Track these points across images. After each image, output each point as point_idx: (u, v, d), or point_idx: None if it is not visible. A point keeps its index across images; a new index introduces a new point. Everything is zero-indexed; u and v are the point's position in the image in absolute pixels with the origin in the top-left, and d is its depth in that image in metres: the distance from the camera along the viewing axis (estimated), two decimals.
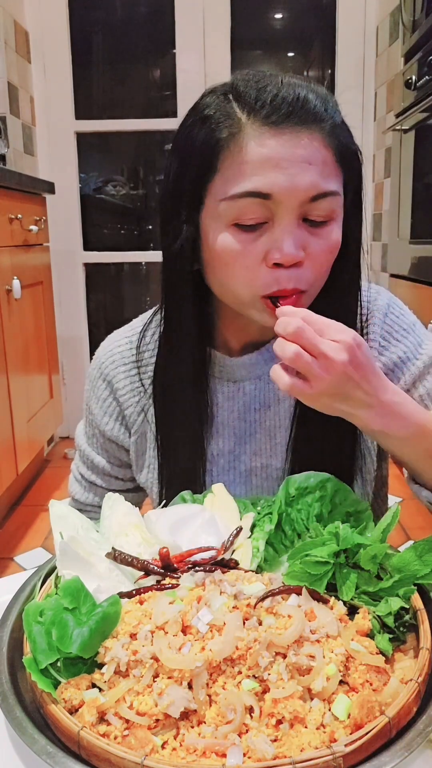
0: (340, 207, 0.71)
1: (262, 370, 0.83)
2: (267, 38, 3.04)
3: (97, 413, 0.89)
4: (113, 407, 0.88)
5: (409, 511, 2.12)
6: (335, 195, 0.68)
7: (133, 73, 3.10)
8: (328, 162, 0.67)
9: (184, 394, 0.82)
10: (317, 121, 0.67)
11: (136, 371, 0.86)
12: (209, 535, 0.68)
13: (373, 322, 0.82)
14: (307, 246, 0.68)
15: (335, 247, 0.71)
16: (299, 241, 0.67)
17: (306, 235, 0.68)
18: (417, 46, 2.05)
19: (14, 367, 2.06)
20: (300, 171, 0.65)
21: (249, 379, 0.84)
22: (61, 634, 0.52)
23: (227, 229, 0.68)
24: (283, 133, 0.65)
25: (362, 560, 0.60)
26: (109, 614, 0.54)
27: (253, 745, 0.46)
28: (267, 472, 0.85)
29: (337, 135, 0.69)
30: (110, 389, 0.88)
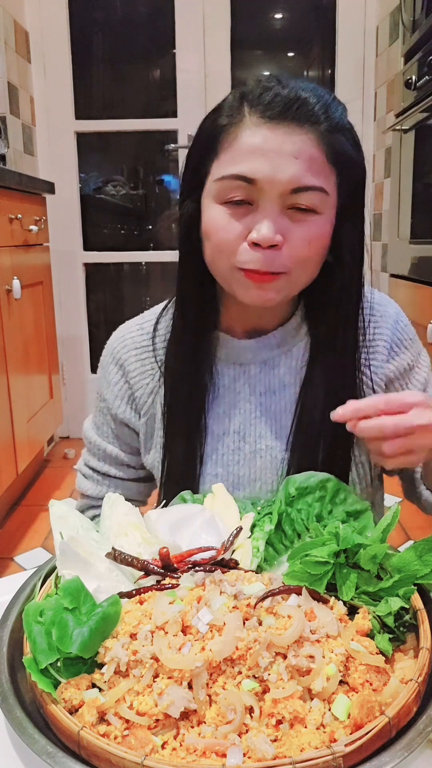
0: (326, 204, 0.75)
1: (267, 356, 0.87)
2: (267, 38, 3.04)
3: (109, 398, 0.93)
4: (124, 390, 0.92)
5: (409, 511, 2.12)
6: (319, 191, 0.73)
7: (133, 73, 3.10)
8: (316, 160, 0.72)
9: (191, 371, 0.86)
10: (312, 122, 0.72)
11: (147, 355, 0.90)
12: (209, 535, 0.68)
13: (381, 327, 0.87)
14: (287, 233, 0.74)
15: (315, 238, 0.75)
16: (278, 227, 0.73)
17: (287, 223, 0.74)
18: (417, 46, 2.04)
19: (14, 367, 2.06)
20: (284, 163, 0.71)
21: (254, 363, 0.87)
22: (61, 634, 0.52)
23: (217, 206, 0.75)
24: (277, 127, 0.71)
25: (362, 560, 0.60)
26: (109, 614, 0.54)
27: (253, 745, 0.46)
28: (272, 454, 0.87)
29: (333, 138, 0.73)
30: (122, 372, 0.91)
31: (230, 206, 0.74)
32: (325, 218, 0.75)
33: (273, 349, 0.87)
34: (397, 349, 0.87)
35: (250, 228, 0.74)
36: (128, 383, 0.91)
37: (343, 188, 0.76)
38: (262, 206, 0.73)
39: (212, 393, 0.87)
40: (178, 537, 0.68)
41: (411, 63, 2.05)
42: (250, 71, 3.09)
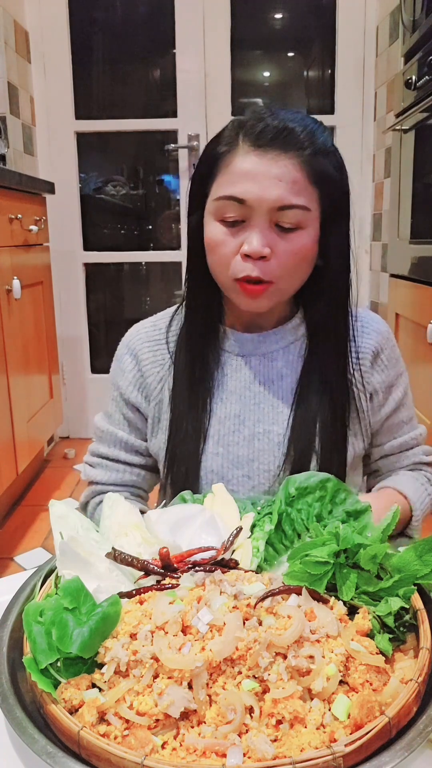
0: (309, 219, 0.85)
1: (267, 349, 0.97)
2: (267, 38, 3.04)
3: (122, 384, 1.01)
4: (137, 377, 1.01)
5: None
6: (302, 209, 0.83)
7: (133, 73, 3.10)
8: (299, 182, 0.83)
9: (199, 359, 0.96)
10: (297, 149, 0.83)
11: (160, 347, 1.00)
12: (209, 535, 0.68)
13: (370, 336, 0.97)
14: (275, 246, 0.84)
15: (300, 250, 0.85)
16: (267, 240, 0.83)
17: (275, 238, 0.84)
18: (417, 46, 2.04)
19: (14, 367, 2.06)
20: (270, 185, 0.82)
21: (255, 355, 0.97)
22: (61, 634, 0.52)
23: (215, 222, 0.87)
24: (266, 154, 0.83)
25: (362, 560, 0.60)
26: (109, 614, 0.54)
27: (253, 745, 0.46)
28: (269, 437, 0.94)
29: (315, 161, 0.84)
30: (135, 361, 1.01)
31: (226, 224, 0.86)
32: (309, 232, 0.86)
33: (273, 344, 0.97)
34: (381, 362, 0.97)
35: (242, 243, 0.84)
36: (140, 371, 1.00)
37: (326, 204, 0.86)
38: (252, 223, 0.84)
39: (217, 379, 0.97)
40: (178, 537, 0.68)
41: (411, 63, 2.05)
42: (250, 71, 3.09)
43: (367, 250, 3.08)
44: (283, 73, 3.18)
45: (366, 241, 3.08)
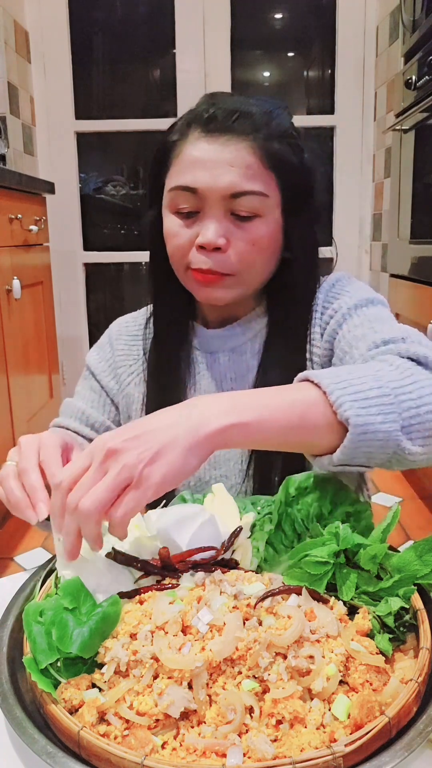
0: (267, 206, 0.80)
1: (235, 343, 0.92)
2: (267, 38, 3.04)
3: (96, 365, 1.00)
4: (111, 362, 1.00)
5: (409, 511, 2.12)
6: (257, 195, 0.79)
7: (133, 73, 3.10)
8: (252, 167, 0.78)
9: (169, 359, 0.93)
10: (248, 132, 0.78)
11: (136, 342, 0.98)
12: (209, 535, 0.68)
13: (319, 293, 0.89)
14: (231, 237, 0.80)
15: (258, 239, 0.81)
16: (222, 230, 0.80)
17: (231, 227, 0.80)
18: (417, 46, 2.04)
19: (14, 367, 2.06)
20: (222, 172, 0.78)
21: (222, 351, 0.92)
22: (61, 634, 0.52)
23: (171, 214, 0.83)
24: (215, 140, 0.78)
25: (362, 560, 0.60)
26: (109, 614, 0.54)
27: (253, 745, 0.46)
28: None
29: (270, 145, 0.79)
30: (111, 350, 1.00)
31: (181, 216, 0.82)
32: (268, 220, 0.81)
33: (239, 337, 0.92)
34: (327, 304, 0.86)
35: (198, 234, 0.81)
36: (114, 360, 1.00)
37: (286, 190, 0.82)
38: (206, 213, 0.80)
39: (189, 380, 0.93)
40: (178, 537, 0.68)
41: (411, 63, 2.05)
42: (250, 71, 3.09)
43: (367, 250, 3.08)
44: (283, 73, 3.18)
45: (366, 241, 3.08)
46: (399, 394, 0.59)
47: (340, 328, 0.84)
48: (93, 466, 0.54)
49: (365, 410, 0.57)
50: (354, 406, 0.56)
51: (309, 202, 0.85)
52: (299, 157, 0.83)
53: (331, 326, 0.85)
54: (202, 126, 0.79)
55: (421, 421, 0.58)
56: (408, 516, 2.08)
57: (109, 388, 0.99)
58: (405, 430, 0.58)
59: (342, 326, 0.84)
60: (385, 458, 0.59)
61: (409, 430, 0.58)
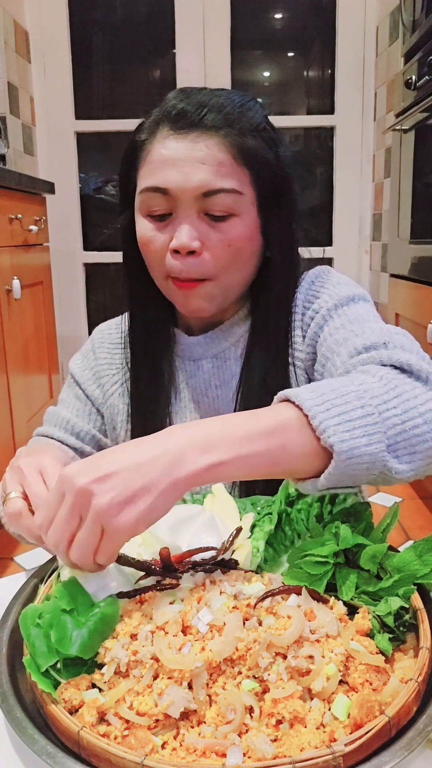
0: (243, 204, 0.77)
1: (217, 349, 0.89)
2: (267, 38, 3.04)
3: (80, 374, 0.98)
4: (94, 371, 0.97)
5: (409, 511, 2.12)
6: (231, 192, 0.75)
7: (133, 73, 3.10)
8: (225, 163, 0.75)
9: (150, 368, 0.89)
10: (218, 128, 0.75)
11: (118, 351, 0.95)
12: (209, 535, 0.68)
13: (299, 292, 0.85)
14: (206, 239, 0.76)
15: (234, 240, 0.77)
16: (196, 233, 0.76)
17: (205, 228, 0.77)
18: (417, 46, 2.05)
19: (14, 367, 2.06)
20: (192, 170, 0.74)
21: (206, 358, 0.89)
22: (61, 636, 0.52)
23: (143, 218, 0.80)
24: (185, 137, 0.75)
25: (362, 560, 0.60)
26: (107, 615, 0.54)
27: (253, 745, 0.46)
28: None
29: (242, 140, 0.76)
30: (95, 358, 0.97)
31: (153, 219, 0.78)
32: (245, 218, 0.77)
33: (222, 342, 0.88)
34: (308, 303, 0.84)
35: (172, 237, 0.77)
36: (97, 369, 0.97)
37: (262, 187, 0.78)
38: (179, 214, 0.76)
39: (172, 389, 0.89)
40: (178, 537, 0.68)
41: (411, 63, 2.05)
42: (250, 71, 3.09)
43: (367, 250, 3.08)
44: (283, 73, 3.18)
45: (366, 241, 3.08)
46: (383, 411, 0.56)
47: (321, 330, 0.81)
48: (64, 507, 0.51)
49: (349, 433, 0.53)
50: (338, 431, 0.53)
51: (286, 199, 0.81)
52: (274, 151, 0.79)
53: (312, 328, 0.82)
54: (171, 123, 0.76)
55: (407, 437, 0.56)
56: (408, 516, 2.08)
57: (94, 397, 0.96)
58: (390, 449, 0.55)
59: (323, 328, 0.81)
60: (371, 478, 0.57)
61: (395, 448, 0.55)
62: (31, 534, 0.64)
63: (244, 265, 0.80)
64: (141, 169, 0.79)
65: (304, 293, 0.85)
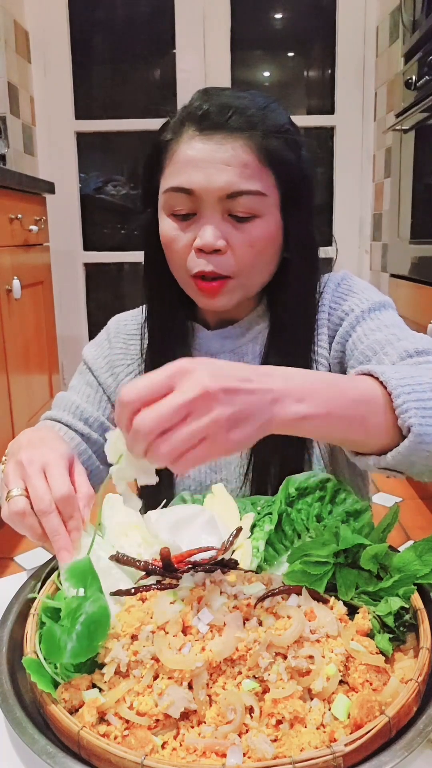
0: (266, 206, 0.78)
1: (234, 344, 0.90)
2: (267, 38, 3.04)
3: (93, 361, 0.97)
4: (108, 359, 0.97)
5: (409, 511, 2.12)
6: (255, 194, 0.76)
7: (133, 73, 3.10)
8: (249, 165, 0.76)
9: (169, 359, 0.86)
10: (244, 130, 0.76)
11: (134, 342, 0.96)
12: (209, 535, 0.68)
13: (324, 295, 0.88)
14: (230, 238, 0.78)
15: (257, 241, 0.78)
16: (220, 232, 0.77)
17: (229, 228, 0.78)
18: (417, 46, 2.04)
19: (14, 367, 2.06)
20: (217, 171, 0.75)
21: (223, 353, 0.90)
22: (49, 646, 0.52)
23: (167, 217, 0.81)
24: (210, 138, 0.76)
25: (362, 560, 0.60)
26: (94, 615, 0.53)
27: (253, 745, 0.46)
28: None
29: (267, 141, 0.77)
30: (110, 348, 0.98)
31: (177, 219, 0.80)
32: (268, 219, 0.79)
33: (239, 338, 0.90)
34: (335, 305, 0.86)
35: (195, 237, 0.78)
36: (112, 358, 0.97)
37: (285, 189, 0.79)
38: (204, 215, 0.78)
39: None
40: (178, 537, 0.68)
41: (411, 63, 2.05)
42: (250, 71, 3.10)
43: (367, 250, 3.08)
44: (283, 73, 3.18)
45: (366, 241, 3.08)
46: None
47: (353, 330, 0.83)
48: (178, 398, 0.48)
49: (426, 420, 0.55)
50: (417, 414, 0.55)
51: (308, 200, 0.83)
52: (297, 153, 0.80)
53: (344, 328, 0.84)
54: (196, 124, 0.77)
55: None
56: (408, 516, 2.08)
57: (106, 385, 0.96)
58: None
59: (355, 329, 0.83)
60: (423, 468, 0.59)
61: None
62: (35, 534, 0.63)
63: (265, 265, 0.82)
64: (166, 169, 0.80)
65: (331, 294, 0.87)
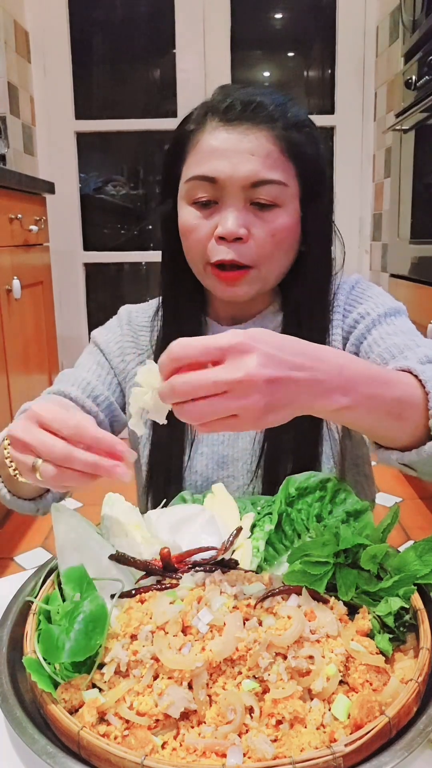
0: (287, 196, 0.80)
1: None
2: (267, 38, 3.04)
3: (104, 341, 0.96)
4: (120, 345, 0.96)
5: (409, 511, 2.12)
6: (277, 184, 0.78)
7: (133, 73, 3.10)
8: (273, 155, 0.78)
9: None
10: (267, 121, 0.78)
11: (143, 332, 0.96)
12: (209, 535, 0.68)
13: (339, 296, 0.90)
14: (251, 227, 0.79)
15: (279, 230, 0.80)
16: (242, 221, 0.78)
17: (251, 218, 0.79)
18: (417, 46, 2.05)
19: (14, 367, 2.06)
20: (242, 160, 0.77)
21: None
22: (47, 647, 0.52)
23: (188, 206, 0.82)
24: (234, 129, 0.78)
25: (362, 560, 0.60)
26: (92, 614, 0.53)
27: (253, 745, 0.46)
28: (250, 435, 0.89)
29: (289, 134, 0.79)
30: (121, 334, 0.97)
31: (199, 207, 0.81)
32: (288, 210, 0.80)
33: None
34: (350, 307, 0.88)
35: (216, 225, 0.79)
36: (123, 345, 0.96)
37: (304, 180, 0.81)
38: (226, 203, 0.79)
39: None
40: (178, 537, 0.68)
41: (411, 63, 2.05)
42: (250, 71, 3.09)
43: (367, 250, 3.08)
44: (283, 73, 3.18)
45: (366, 241, 3.08)
46: None
47: (369, 333, 0.85)
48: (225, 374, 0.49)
49: None
50: None
51: (325, 194, 0.85)
52: (316, 147, 0.83)
53: (359, 330, 0.86)
54: (221, 115, 0.79)
55: None
56: (408, 516, 2.08)
57: (119, 369, 0.95)
58: None
59: (371, 331, 0.84)
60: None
61: None
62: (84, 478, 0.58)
63: (284, 256, 0.83)
64: (189, 158, 0.81)
65: (346, 295, 0.89)
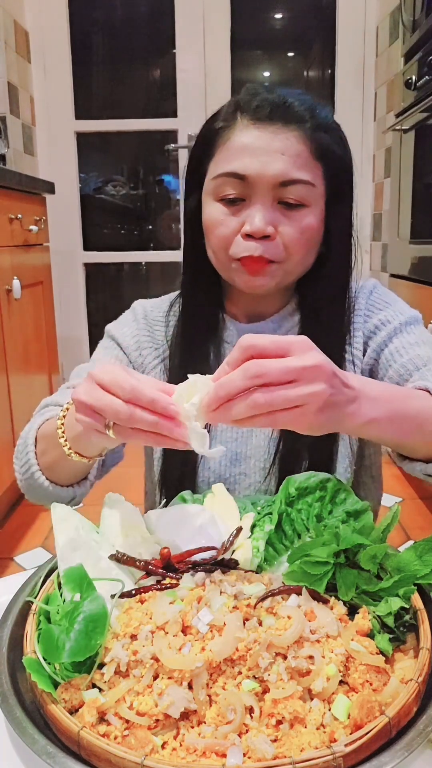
0: (314, 196, 0.81)
1: None
2: (267, 38, 3.04)
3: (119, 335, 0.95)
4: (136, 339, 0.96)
5: (409, 511, 2.12)
6: (306, 184, 0.79)
7: (133, 73, 3.10)
8: (302, 156, 0.79)
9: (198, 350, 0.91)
10: (298, 122, 0.79)
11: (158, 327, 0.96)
12: (209, 535, 0.68)
13: (359, 299, 0.91)
14: (278, 225, 0.80)
15: (305, 229, 0.81)
16: (269, 219, 0.79)
17: (279, 216, 0.80)
18: (417, 46, 2.05)
19: (14, 367, 2.06)
20: (272, 159, 0.78)
21: None
22: (47, 647, 0.52)
23: (214, 202, 0.82)
24: (265, 128, 0.79)
25: (362, 560, 0.60)
26: (92, 614, 0.53)
27: (253, 745, 0.46)
28: (264, 432, 0.91)
29: (318, 135, 0.80)
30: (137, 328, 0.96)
31: (226, 203, 0.81)
32: (314, 210, 0.81)
33: (273, 333, 0.91)
34: (369, 312, 0.90)
35: (244, 222, 0.80)
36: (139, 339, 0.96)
37: (330, 181, 0.83)
38: (254, 200, 0.79)
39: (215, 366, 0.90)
40: (178, 537, 0.68)
41: (411, 63, 2.05)
42: (250, 71, 3.09)
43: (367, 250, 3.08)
44: (283, 73, 3.18)
45: (366, 241, 3.08)
46: None
47: (390, 341, 0.86)
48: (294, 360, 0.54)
49: None
50: None
51: (349, 196, 0.86)
52: (343, 149, 0.84)
53: (380, 337, 0.87)
54: (251, 113, 0.79)
55: None
56: (408, 516, 2.08)
57: (137, 363, 0.95)
58: None
59: (393, 340, 0.86)
60: None
61: None
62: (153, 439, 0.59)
63: (307, 255, 0.84)
64: (217, 155, 0.82)
65: (365, 300, 0.90)
